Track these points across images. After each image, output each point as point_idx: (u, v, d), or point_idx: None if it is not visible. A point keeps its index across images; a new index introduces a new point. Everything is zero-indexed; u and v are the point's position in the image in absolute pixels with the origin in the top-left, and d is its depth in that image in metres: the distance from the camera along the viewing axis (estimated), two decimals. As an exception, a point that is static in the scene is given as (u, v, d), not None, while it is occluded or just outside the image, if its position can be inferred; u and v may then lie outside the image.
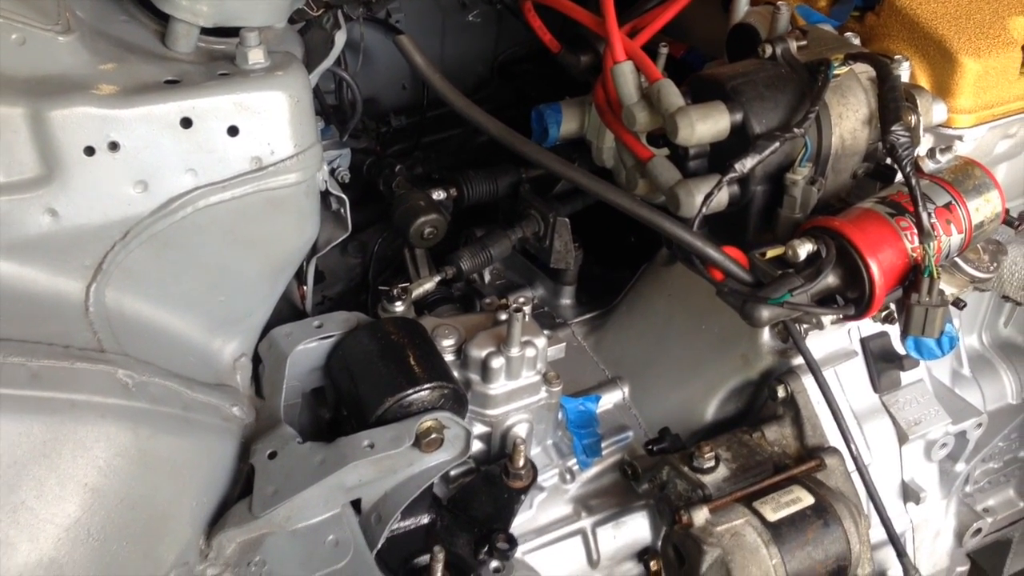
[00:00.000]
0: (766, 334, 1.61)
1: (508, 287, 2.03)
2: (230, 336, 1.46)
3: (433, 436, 1.41)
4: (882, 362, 1.61)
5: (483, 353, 1.55)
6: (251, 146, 1.30)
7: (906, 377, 1.66)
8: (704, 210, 1.29)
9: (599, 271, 2.07)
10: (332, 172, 1.85)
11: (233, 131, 1.29)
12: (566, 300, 1.97)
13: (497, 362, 1.55)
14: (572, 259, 1.88)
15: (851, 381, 1.62)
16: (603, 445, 1.72)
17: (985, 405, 1.85)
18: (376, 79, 2.20)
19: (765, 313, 1.25)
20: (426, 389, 1.41)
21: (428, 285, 1.75)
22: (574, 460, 1.70)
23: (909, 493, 1.66)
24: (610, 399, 1.78)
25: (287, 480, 1.33)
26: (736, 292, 1.28)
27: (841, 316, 1.29)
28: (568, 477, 1.70)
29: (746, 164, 1.29)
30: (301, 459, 1.35)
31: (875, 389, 1.63)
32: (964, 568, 1.91)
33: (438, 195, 1.87)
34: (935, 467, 1.72)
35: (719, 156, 1.36)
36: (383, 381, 1.41)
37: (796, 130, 1.31)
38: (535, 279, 2.01)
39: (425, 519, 1.56)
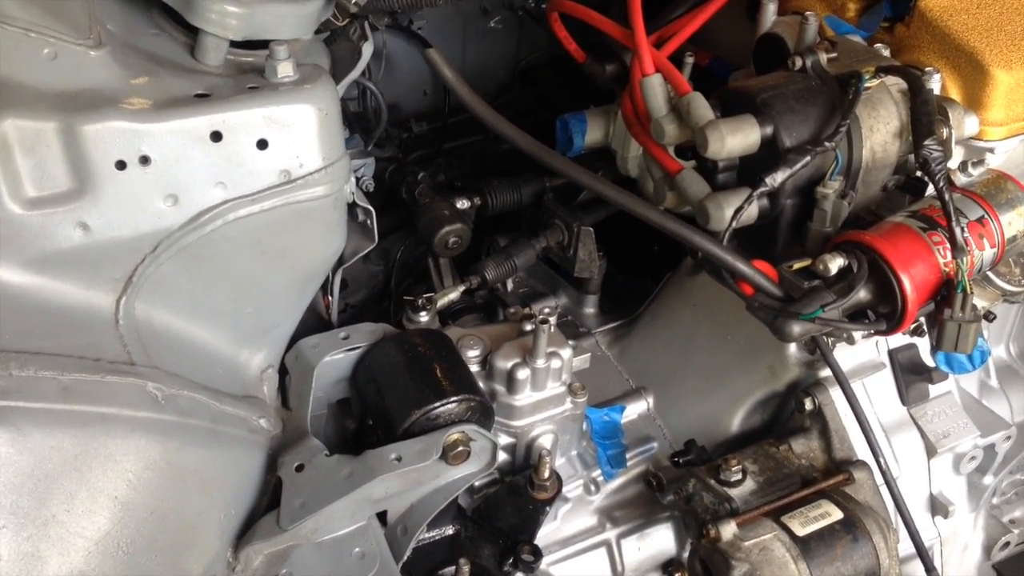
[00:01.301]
0: (793, 346, 1.60)
1: (531, 295, 2.03)
2: (257, 348, 1.46)
3: (460, 449, 1.41)
4: (910, 374, 1.60)
5: (509, 364, 1.55)
6: (280, 159, 1.30)
7: (934, 390, 1.65)
8: (734, 224, 1.29)
9: (622, 279, 2.06)
10: (357, 182, 1.85)
11: (262, 144, 1.29)
12: (589, 309, 1.97)
13: (523, 373, 1.54)
14: (596, 268, 1.88)
15: (879, 393, 1.61)
16: (628, 456, 1.72)
17: (1013, 416, 1.83)
18: (397, 85, 2.20)
19: (796, 328, 1.24)
20: (453, 402, 1.41)
21: (453, 295, 1.75)
22: (599, 471, 1.70)
23: (937, 506, 1.65)
24: (635, 409, 1.78)
25: (315, 493, 1.32)
26: (766, 307, 1.27)
27: (872, 331, 1.28)
28: (593, 488, 1.69)
29: (777, 178, 1.29)
30: (329, 472, 1.34)
31: (903, 402, 1.62)
32: (990, 580, 1.90)
33: (462, 204, 1.86)
34: (963, 480, 1.71)
35: (748, 169, 1.36)
36: (410, 393, 1.41)
37: (827, 144, 1.30)
38: (558, 288, 2.00)
39: (450, 530, 1.56)
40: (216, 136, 1.25)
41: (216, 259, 1.34)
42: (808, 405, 1.56)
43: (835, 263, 1.27)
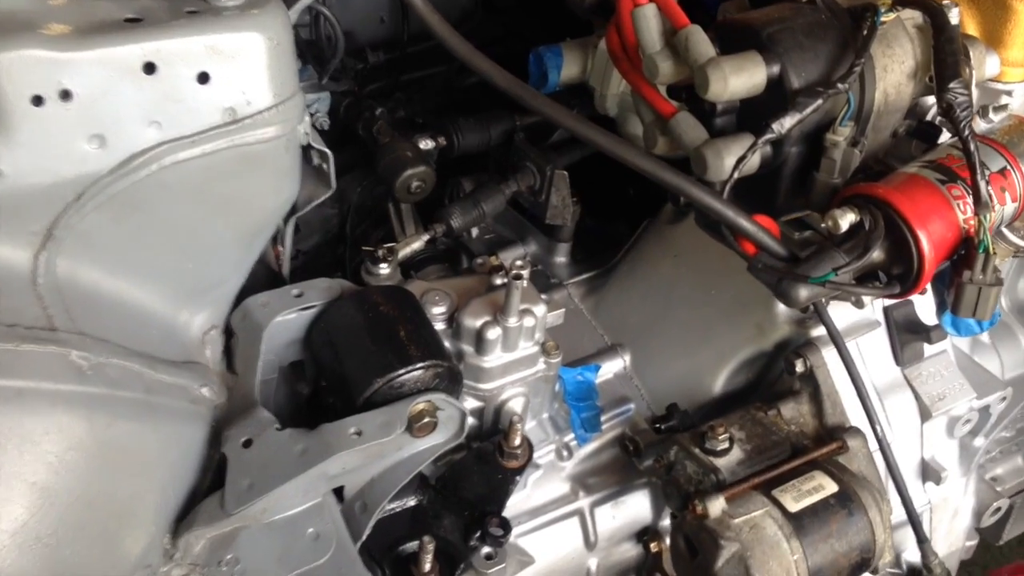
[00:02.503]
0: (783, 303, 1.48)
1: (498, 243, 1.88)
2: (199, 307, 1.31)
3: (426, 420, 1.28)
4: (906, 333, 1.49)
5: (478, 323, 1.42)
6: (224, 95, 1.15)
7: (929, 349, 1.54)
8: (735, 175, 1.15)
9: (594, 225, 1.93)
10: (311, 119, 1.69)
11: (203, 78, 1.13)
12: (561, 258, 1.83)
13: (493, 333, 1.41)
14: (570, 215, 1.74)
15: (873, 354, 1.50)
16: (603, 419, 1.60)
17: (1004, 373, 1.74)
18: (351, 11, 2.01)
19: (803, 292, 1.12)
20: (419, 368, 1.27)
21: (416, 245, 1.60)
22: (571, 435, 1.58)
23: (929, 472, 1.55)
24: (610, 368, 1.65)
25: (263, 472, 1.19)
26: (771, 268, 1.14)
27: (884, 295, 1.16)
28: (565, 454, 1.57)
29: (784, 124, 1.15)
30: (280, 448, 1.21)
31: (897, 362, 1.52)
32: (973, 543, 1.82)
33: (425, 144, 1.71)
34: (956, 444, 1.62)
35: (749, 112, 1.22)
36: (371, 359, 1.27)
37: (839, 85, 1.16)
38: (527, 234, 1.86)
39: (412, 501, 1.43)
40: (149, 68, 1.10)
41: (151, 209, 1.18)
42: (799, 367, 1.44)
43: (846, 219, 1.15)
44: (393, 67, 2.04)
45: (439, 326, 1.45)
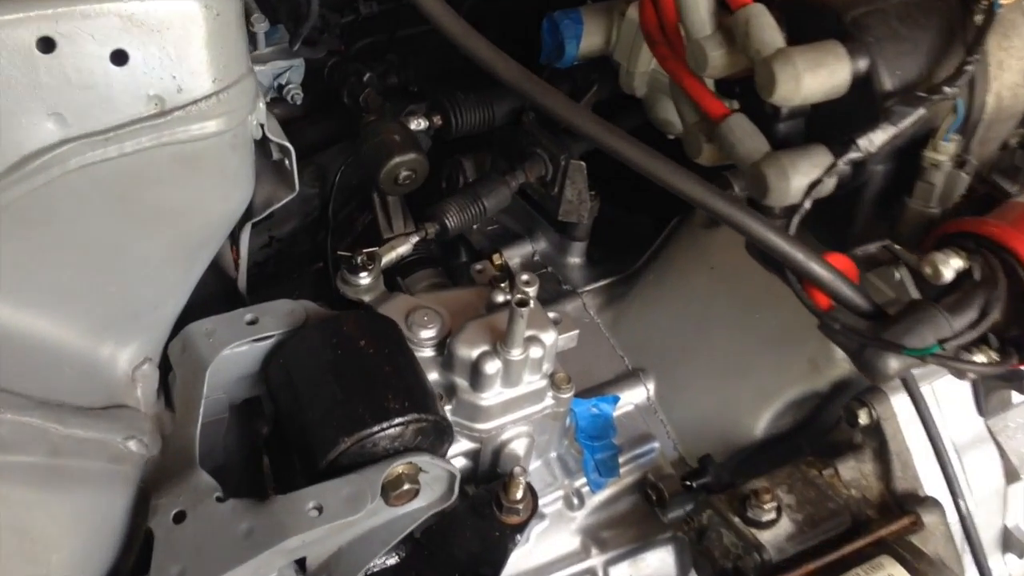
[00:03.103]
0: (844, 337, 1.22)
1: (502, 236, 1.62)
2: (126, 338, 1.06)
3: (405, 488, 1.03)
4: (991, 378, 1.23)
5: (474, 354, 1.17)
6: (147, 80, 0.91)
7: (1016, 396, 1.28)
8: (807, 204, 0.89)
9: (613, 215, 1.65)
10: (280, 91, 1.42)
11: (119, 58, 0.89)
12: (575, 258, 1.57)
13: (492, 367, 1.16)
14: (586, 212, 1.48)
15: (952, 402, 1.25)
16: (621, 460, 1.35)
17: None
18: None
19: (894, 364, 0.85)
20: (397, 425, 1.02)
21: (402, 249, 1.34)
22: (583, 479, 1.34)
23: (1012, 542, 1.30)
24: (631, 398, 1.40)
25: (198, 556, 0.95)
26: (852, 330, 0.88)
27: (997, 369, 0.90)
28: (576, 502, 1.33)
29: (874, 140, 0.88)
30: (220, 526, 0.96)
31: (980, 412, 1.26)
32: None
33: (418, 124, 1.44)
34: (1040, 507, 1.37)
35: (823, 116, 0.95)
36: (338, 411, 1.03)
37: (946, 89, 0.89)
38: (536, 228, 1.60)
39: (392, 559, 1.19)
40: (47, 45, 0.86)
41: (57, 222, 0.93)
42: (863, 418, 1.19)
43: (950, 266, 0.88)
44: (387, 20, 1.75)
45: (427, 352, 1.20)
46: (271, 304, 1.12)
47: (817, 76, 0.87)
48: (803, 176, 0.90)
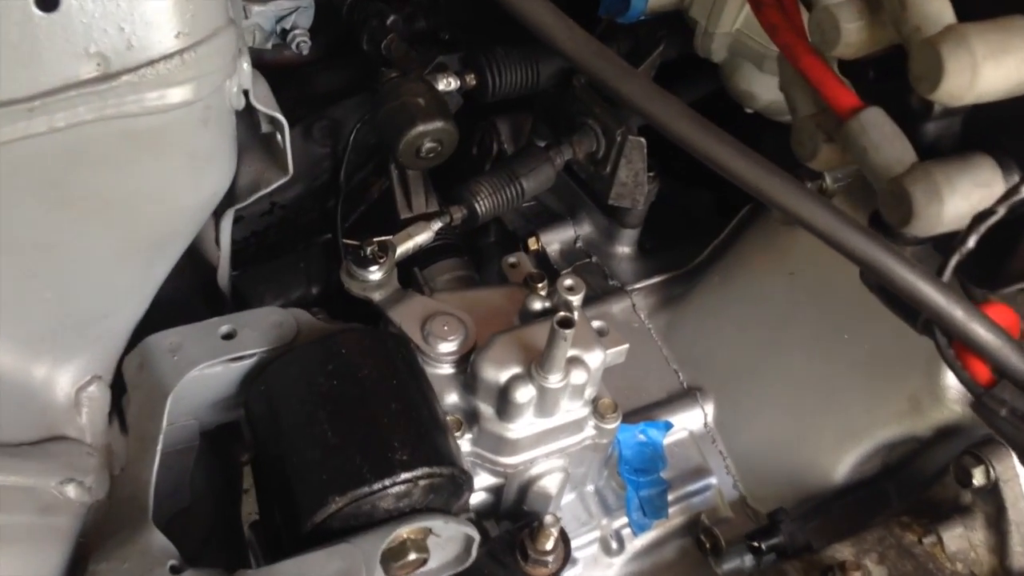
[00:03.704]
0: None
1: (539, 216, 1.39)
2: (67, 354, 0.84)
3: (411, 558, 0.82)
4: None
5: (503, 377, 0.96)
6: (85, 32, 0.69)
7: None
8: (971, 243, 0.65)
9: (668, 191, 1.41)
10: (283, 37, 1.19)
11: (48, 2, 0.64)
12: (624, 248, 1.34)
13: (524, 394, 0.95)
14: (642, 196, 1.24)
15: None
16: (670, 499, 1.14)
17: None
18: None
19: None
20: (404, 482, 0.81)
21: (421, 237, 1.11)
22: (624, 519, 1.13)
23: None
24: (685, 423, 1.18)
25: (143, 648, 0.74)
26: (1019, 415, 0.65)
27: None
28: (614, 546, 1.13)
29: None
30: (171, 609, 0.75)
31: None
32: None
33: (447, 84, 1.20)
34: None
35: (988, 116, 0.71)
36: (331, 460, 0.81)
37: None
38: (580, 209, 1.36)
39: (393, 612, 0.98)
40: None
41: (-32, 213, 0.71)
42: (978, 478, 0.97)
43: None
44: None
45: (446, 370, 0.99)
46: (253, 313, 0.90)
47: (1002, 66, 0.63)
48: (961, 199, 0.66)
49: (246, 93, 0.81)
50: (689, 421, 1.18)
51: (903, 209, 0.67)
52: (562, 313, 0.91)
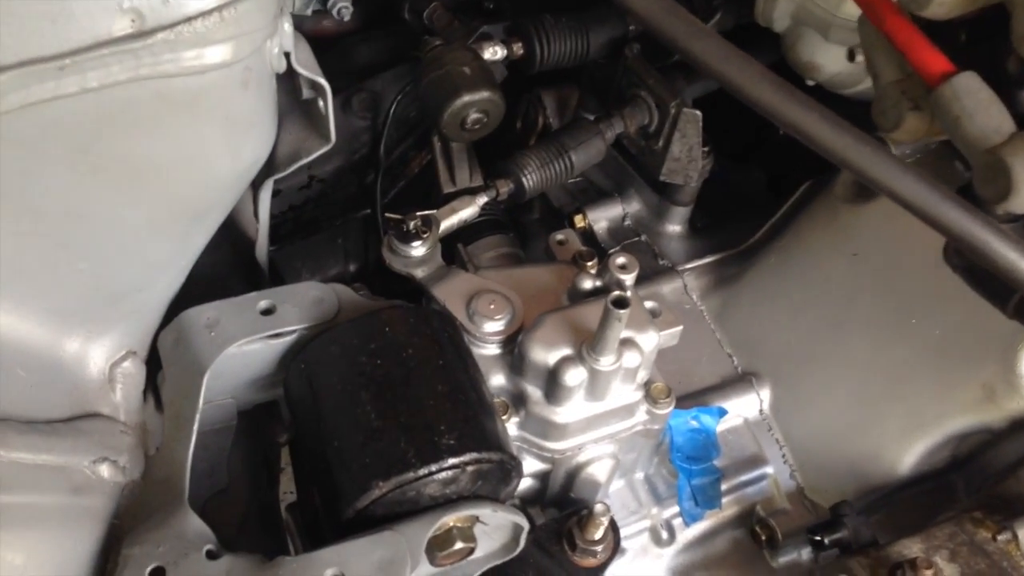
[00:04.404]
0: (1032, 358, 0.94)
1: (585, 192, 1.35)
2: (101, 328, 0.80)
3: (458, 546, 0.78)
4: None
5: (552, 358, 0.91)
6: None
7: None
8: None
9: (717, 167, 1.36)
10: (323, 7, 1.14)
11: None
12: (674, 226, 1.29)
13: (574, 376, 0.90)
14: (696, 172, 1.19)
15: None
16: (723, 488, 1.09)
17: None
18: None
19: None
20: (451, 468, 0.76)
21: (466, 212, 1.07)
22: (675, 508, 1.08)
23: None
24: (739, 409, 1.13)
25: (178, 636, 0.70)
26: None
27: None
28: (664, 536, 1.09)
29: None
30: (207, 596, 0.72)
31: None
32: None
33: (493, 53, 1.15)
34: None
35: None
36: (374, 444, 0.77)
37: None
38: (628, 185, 1.31)
39: (435, 600, 0.94)
40: None
41: (-3, 178, 0.67)
42: (1057, 472, 0.91)
43: None
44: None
45: (492, 350, 0.95)
46: (293, 288, 0.86)
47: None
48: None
49: (287, 56, 0.76)
50: (744, 407, 1.12)
51: (1001, 183, 0.62)
52: (617, 292, 0.86)
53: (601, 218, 1.29)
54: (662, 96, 1.14)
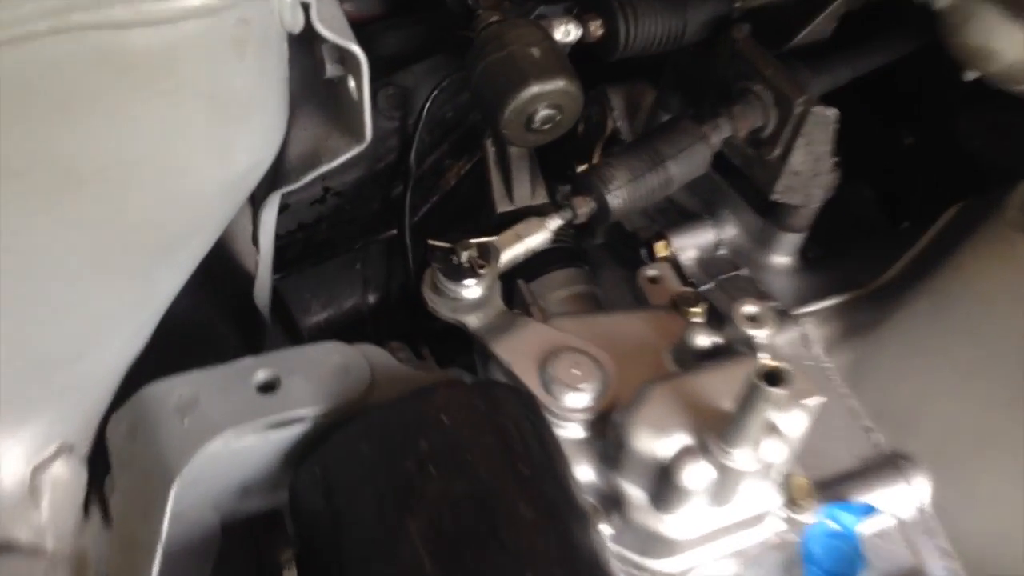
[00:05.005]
0: None
1: (664, 213, 1.07)
2: (19, 415, 0.54)
3: None
4: None
5: (665, 450, 0.66)
6: None
7: None
8: None
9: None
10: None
11: None
12: (782, 257, 1.01)
13: (699, 476, 0.65)
14: (821, 190, 0.92)
15: None
16: (871, 611, 0.82)
17: None
18: None
19: None
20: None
21: (534, 240, 0.81)
22: (808, 636, 0.81)
23: None
24: (888, 504, 0.86)
25: None
26: None
27: None
28: (793, 675, 0.80)
29: None
30: None
31: None
32: None
33: (565, 33, 0.89)
34: None
35: None
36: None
37: None
38: (722, 204, 1.04)
39: None
40: None
41: None
42: None
43: None
44: None
45: (574, 432, 0.69)
46: (305, 352, 0.59)
47: None
48: None
49: (305, 8, 0.50)
50: (895, 502, 0.85)
51: None
52: (767, 361, 0.60)
53: (689, 246, 1.02)
54: (784, 91, 0.87)
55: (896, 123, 1.13)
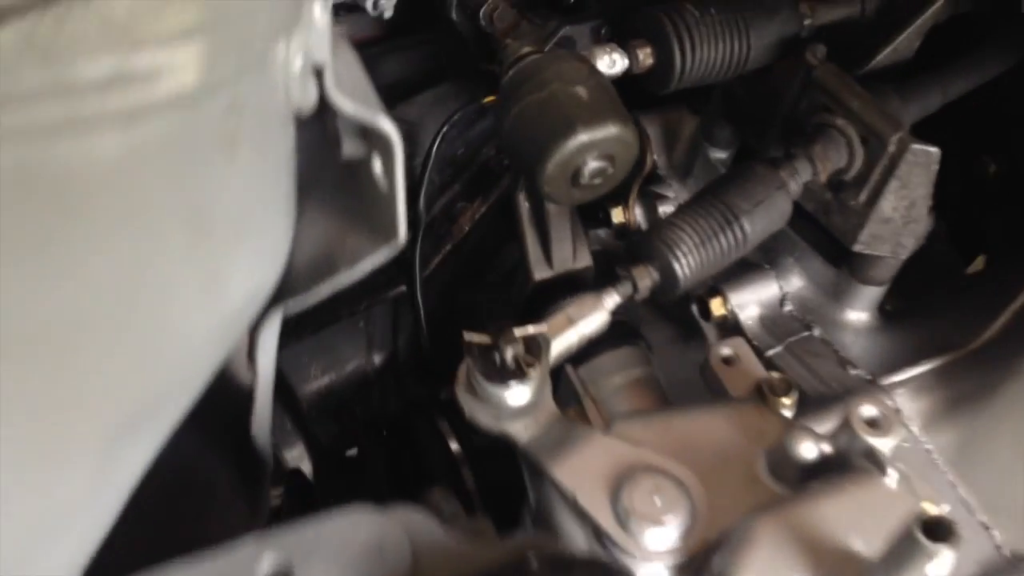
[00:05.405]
0: None
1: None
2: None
3: None
4: None
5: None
6: None
7: None
8: None
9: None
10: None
11: None
12: (859, 313, 0.87)
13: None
14: (912, 240, 0.78)
15: None
16: None
17: None
18: None
19: None
20: None
21: (590, 325, 0.66)
22: None
23: None
24: (1012, 616, 0.72)
25: None
26: None
27: None
28: None
29: None
30: None
31: None
32: None
33: (610, 64, 0.75)
34: None
35: None
36: None
37: None
38: (786, 253, 0.89)
39: None
40: None
41: None
42: None
43: None
44: None
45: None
46: (326, 525, 0.44)
47: None
48: None
49: (320, 75, 0.35)
50: (1020, 616, 0.71)
51: None
52: (929, 507, 0.46)
53: (749, 302, 0.88)
54: (875, 127, 0.73)
55: (978, 149, 0.99)
